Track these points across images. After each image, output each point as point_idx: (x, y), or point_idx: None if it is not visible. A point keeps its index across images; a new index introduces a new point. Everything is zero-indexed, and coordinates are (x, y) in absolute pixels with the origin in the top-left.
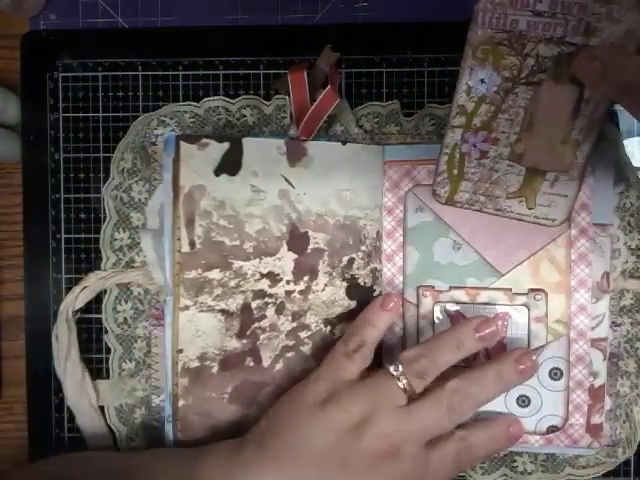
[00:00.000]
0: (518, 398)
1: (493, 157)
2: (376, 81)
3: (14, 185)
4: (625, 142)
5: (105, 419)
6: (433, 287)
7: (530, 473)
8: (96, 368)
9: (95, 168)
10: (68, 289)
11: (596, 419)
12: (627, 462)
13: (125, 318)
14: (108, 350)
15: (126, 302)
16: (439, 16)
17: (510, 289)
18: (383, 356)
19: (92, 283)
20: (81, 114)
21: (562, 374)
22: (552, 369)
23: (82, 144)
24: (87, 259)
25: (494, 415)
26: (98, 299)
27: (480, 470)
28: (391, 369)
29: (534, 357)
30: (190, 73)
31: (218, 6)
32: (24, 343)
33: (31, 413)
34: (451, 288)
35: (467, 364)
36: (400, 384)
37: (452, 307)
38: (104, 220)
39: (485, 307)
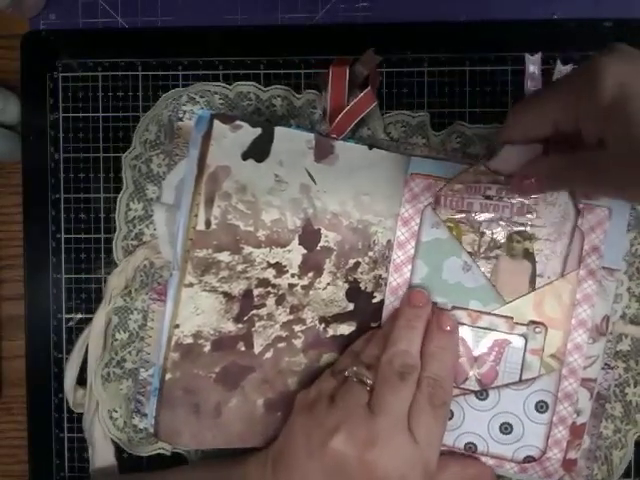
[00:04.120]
0: (501, 425)
1: None
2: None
3: (14, 185)
4: None
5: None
6: (436, 304)
7: None
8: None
9: (95, 168)
10: (68, 289)
11: (572, 454)
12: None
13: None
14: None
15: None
16: (439, 16)
17: (512, 317)
18: None
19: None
20: (81, 114)
21: (548, 408)
22: (539, 402)
23: (82, 144)
24: (87, 259)
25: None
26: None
27: None
28: (346, 373)
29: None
30: (190, 73)
31: (218, 6)
32: (24, 343)
33: (31, 413)
34: (454, 308)
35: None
36: (355, 379)
37: None
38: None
39: (484, 331)
